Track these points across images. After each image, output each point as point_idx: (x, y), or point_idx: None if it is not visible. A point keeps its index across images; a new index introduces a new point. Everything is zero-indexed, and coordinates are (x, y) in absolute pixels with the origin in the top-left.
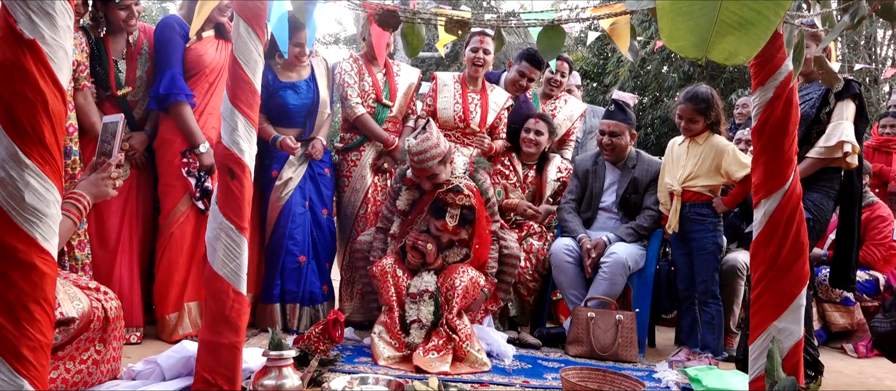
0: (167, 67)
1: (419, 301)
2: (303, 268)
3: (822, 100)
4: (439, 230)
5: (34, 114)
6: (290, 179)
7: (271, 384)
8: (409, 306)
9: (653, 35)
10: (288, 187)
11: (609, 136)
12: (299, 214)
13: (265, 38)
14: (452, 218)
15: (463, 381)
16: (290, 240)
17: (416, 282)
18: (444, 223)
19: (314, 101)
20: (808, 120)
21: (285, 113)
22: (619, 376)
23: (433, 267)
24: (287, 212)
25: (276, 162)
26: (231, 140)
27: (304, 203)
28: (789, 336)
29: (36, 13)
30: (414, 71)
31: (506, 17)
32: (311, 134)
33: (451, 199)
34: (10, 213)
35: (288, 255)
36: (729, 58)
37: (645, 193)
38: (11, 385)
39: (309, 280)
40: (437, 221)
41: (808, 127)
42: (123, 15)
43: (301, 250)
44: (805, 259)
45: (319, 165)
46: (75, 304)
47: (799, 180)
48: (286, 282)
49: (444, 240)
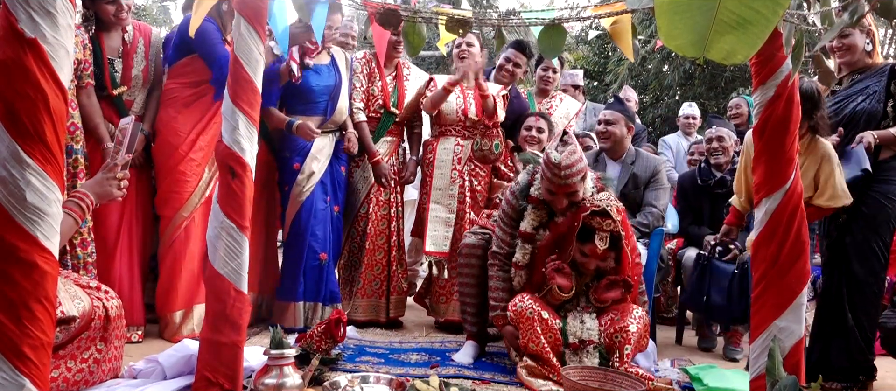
0: (217, 56)
1: (581, 352)
2: (324, 266)
3: (887, 91)
4: (585, 256)
5: (35, 112)
6: (313, 173)
7: (272, 383)
8: (570, 358)
9: (653, 34)
10: (310, 181)
11: (604, 124)
12: (321, 210)
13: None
14: (602, 240)
15: (464, 378)
16: (313, 238)
17: (573, 327)
18: (594, 247)
19: (336, 84)
20: (877, 116)
21: (308, 95)
22: (620, 376)
23: (584, 309)
24: (309, 208)
25: (298, 154)
26: (232, 139)
27: (325, 199)
28: (790, 335)
29: (37, 12)
30: (424, 75)
31: (506, 16)
32: (332, 117)
33: (599, 224)
34: (11, 212)
35: (310, 253)
36: (727, 57)
37: (645, 189)
38: (13, 383)
39: (330, 278)
40: (585, 246)
41: (878, 124)
42: (112, 9)
43: (322, 247)
44: (806, 258)
45: (338, 162)
46: (76, 303)
47: (800, 179)
48: (307, 281)
49: (591, 267)
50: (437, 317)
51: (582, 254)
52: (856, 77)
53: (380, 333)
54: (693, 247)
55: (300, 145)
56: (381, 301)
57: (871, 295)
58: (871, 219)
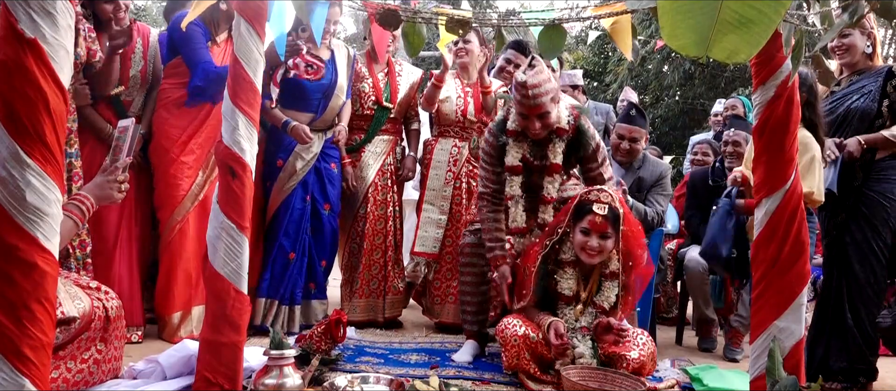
0: (198, 62)
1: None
2: (290, 265)
3: (882, 92)
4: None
5: (35, 113)
6: (295, 172)
7: (272, 383)
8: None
9: (653, 34)
10: (292, 180)
11: (629, 141)
12: (298, 209)
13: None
14: (601, 207)
15: (464, 378)
16: (285, 236)
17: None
18: (593, 218)
19: (331, 83)
20: (870, 114)
21: (300, 93)
22: (620, 376)
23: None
24: (286, 205)
25: (282, 151)
26: (232, 139)
27: (305, 197)
28: (790, 335)
29: (37, 13)
30: (416, 71)
31: (506, 16)
32: (323, 116)
33: (596, 197)
34: (11, 212)
35: (279, 251)
36: (730, 56)
37: (648, 193)
38: (13, 384)
39: (292, 279)
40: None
41: (871, 122)
42: (110, 8)
43: (292, 246)
44: (806, 258)
45: (327, 159)
46: (76, 304)
47: (800, 179)
48: (272, 278)
49: (593, 254)
50: (432, 319)
51: (583, 233)
52: (854, 78)
53: (379, 334)
54: (696, 245)
55: (286, 142)
56: (378, 301)
57: (871, 295)
58: (870, 219)
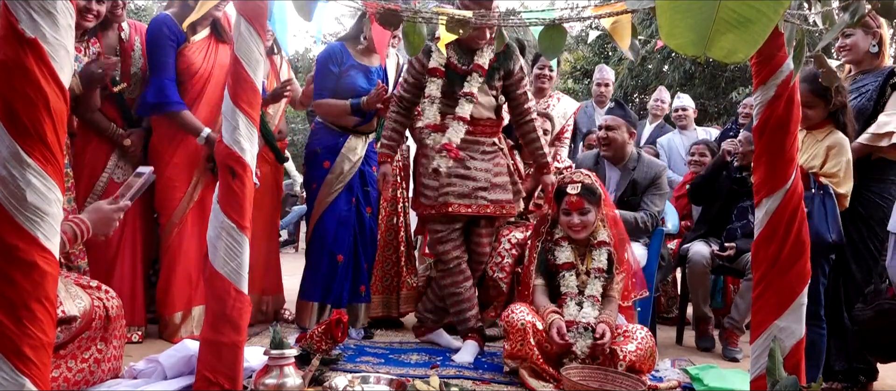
0: (156, 74)
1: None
2: (338, 268)
3: (880, 91)
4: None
5: (35, 113)
6: (342, 173)
7: (273, 383)
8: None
9: (653, 34)
10: (339, 182)
11: (605, 130)
12: (345, 212)
13: (265, 36)
14: (574, 187)
15: (464, 378)
16: (332, 241)
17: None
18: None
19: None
20: (865, 113)
21: (353, 95)
22: (621, 376)
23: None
24: (333, 210)
25: (329, 151)
26: (232, 139)
27: (350, 200)
28: (791, 335)
29: (37, 12)
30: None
31: (506, 16)
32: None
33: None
34: (11, 212)
35: (328, 255)
36: (728, 55)
37: (643, 195)
38: (13, 384)
39: (341, 282)
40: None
41: (866, 121)
42: (107, 5)
43: (339, 250)
44: (806, 258)
45: (370, 162)
46: (77, 303)
47: (800, 179)
48: (323, 282)
49: (582, 237)
50: None
51: (565, 214)
52: (859, 77)
53: (380, 333)
54: (701, 240)
55: (332, 142)
56: (393, 297)
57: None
58: (867, 220)
